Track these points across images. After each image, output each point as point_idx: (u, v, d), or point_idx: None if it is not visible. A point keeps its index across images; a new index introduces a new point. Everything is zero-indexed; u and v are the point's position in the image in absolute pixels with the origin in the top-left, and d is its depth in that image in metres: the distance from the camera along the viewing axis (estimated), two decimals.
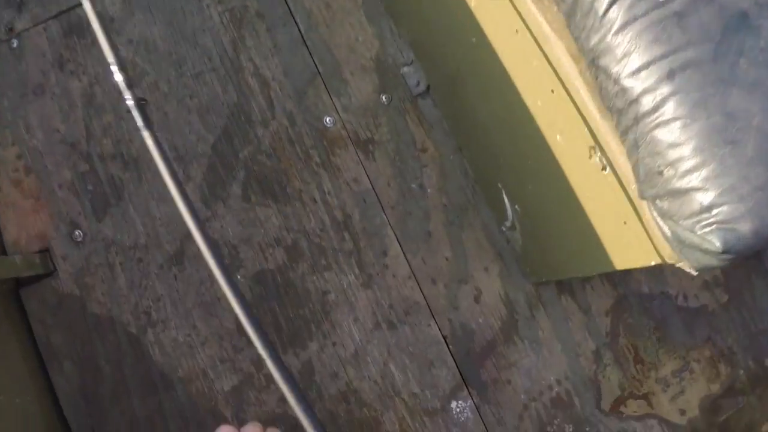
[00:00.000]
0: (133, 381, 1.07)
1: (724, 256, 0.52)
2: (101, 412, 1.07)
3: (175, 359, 1.06)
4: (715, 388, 1.07)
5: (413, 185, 1.09)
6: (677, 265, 0.60)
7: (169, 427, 1.06)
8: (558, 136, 0.72)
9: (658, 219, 0.58)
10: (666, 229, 0.57)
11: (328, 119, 1.10)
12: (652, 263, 0.64)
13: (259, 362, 1.05)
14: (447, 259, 1.07)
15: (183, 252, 1.08)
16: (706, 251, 0.53)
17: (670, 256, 0.59)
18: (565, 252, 0.87)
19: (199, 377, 1.06)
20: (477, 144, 1.02)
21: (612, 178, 0.64)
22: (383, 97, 1.10)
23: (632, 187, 0.60)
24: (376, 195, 1.08)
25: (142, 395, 1.06)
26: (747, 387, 1.06)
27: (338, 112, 1.10)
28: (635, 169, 0.58)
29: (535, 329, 1.06)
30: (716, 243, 0.51)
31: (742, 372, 1.07)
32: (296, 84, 1.11)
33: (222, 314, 1.06)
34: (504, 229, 1.05)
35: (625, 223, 0.65)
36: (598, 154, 0.64)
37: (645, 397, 1.06)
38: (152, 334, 1.07)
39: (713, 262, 0.54)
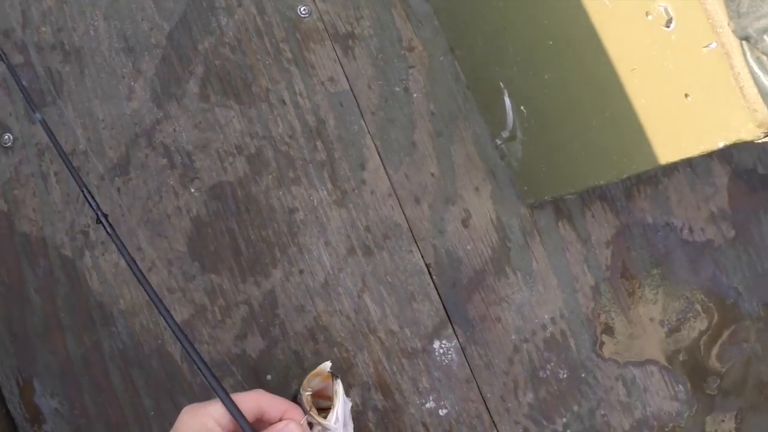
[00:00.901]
0: (66, 314, 0.92)
1: None
2: (29, 350, 0.92)
3: (116, 288, 0.92)
4: (719, 333, 0.97)
5: (397, 88, 0.95)
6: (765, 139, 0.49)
7: (108, 369, 0.91)
8: None
9: (757, 67, 0.47)
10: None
11: (302, 9, 0.95)
12: (720, 144, 0.53)
13: (213, 293, 0.91)
14: (433, 176, 0.94)
15: (128, 160, 0.93)
16: None
17: (762, 122, 0.48)
18: (587, 154, 0.75)
19: (144, 310, 0.92)
20: (477, 37, 0.89)
21: (677, 36, 0.52)
22: None
23: (704, 44, 0.49)
24: (355, 98, 0.95)
25: (76, 331, 0.92)
26: (752, 333, 0.97)
27: (315, 1, 0.96)
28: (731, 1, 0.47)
29: (529, 260, 0.94)
30: None
31: (746, 316, 0.97)
32: None
33: (172, 234, 0.92)
34: (499, 142, 0.93)
35: (686, 96, 0.54)
36: (663, 4, 0.53)
37: (645, 340, 0.95)
38: (90, 257, 0.92)
39: None
